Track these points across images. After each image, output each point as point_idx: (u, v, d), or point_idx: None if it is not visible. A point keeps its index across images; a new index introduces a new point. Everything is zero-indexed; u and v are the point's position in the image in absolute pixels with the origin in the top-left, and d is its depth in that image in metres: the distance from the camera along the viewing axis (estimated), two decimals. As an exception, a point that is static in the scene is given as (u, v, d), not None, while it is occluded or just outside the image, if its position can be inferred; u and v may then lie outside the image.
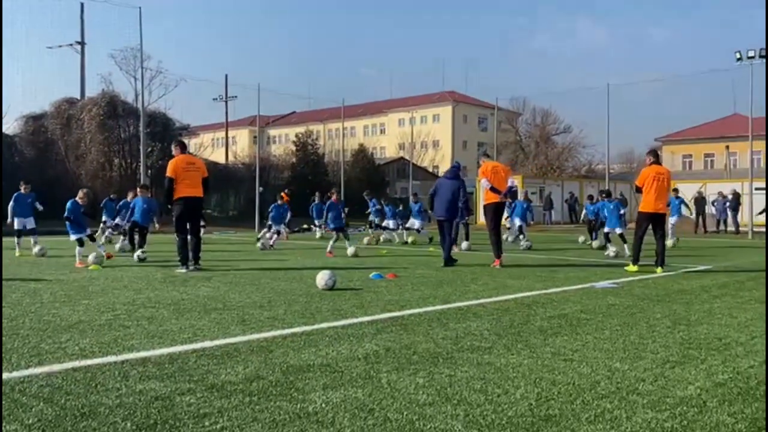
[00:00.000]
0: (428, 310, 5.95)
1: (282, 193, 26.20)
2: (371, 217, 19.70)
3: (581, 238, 16.71)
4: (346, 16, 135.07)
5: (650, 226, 9.91)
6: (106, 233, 17.36)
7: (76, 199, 11.17)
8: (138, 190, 14.03)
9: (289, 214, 17.46)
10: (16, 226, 13.27)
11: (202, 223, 11.69)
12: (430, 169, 66.06)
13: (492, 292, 7.31)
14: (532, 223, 21.18)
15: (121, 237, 14.63)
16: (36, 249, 12.38)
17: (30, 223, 13.40)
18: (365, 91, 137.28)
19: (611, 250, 12.89)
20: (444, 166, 72.71)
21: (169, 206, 9.87)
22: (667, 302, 6.59)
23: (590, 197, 18.14)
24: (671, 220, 16.91)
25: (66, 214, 11.06)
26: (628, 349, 4.40)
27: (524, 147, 63.81)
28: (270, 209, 16.65)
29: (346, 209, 17.10)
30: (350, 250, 12.40)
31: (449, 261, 10.55)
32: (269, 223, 16.26)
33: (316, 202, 20.77)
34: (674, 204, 17.35)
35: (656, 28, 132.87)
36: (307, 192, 31.60)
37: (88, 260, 10.41)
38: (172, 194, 9.65)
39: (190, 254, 9.76)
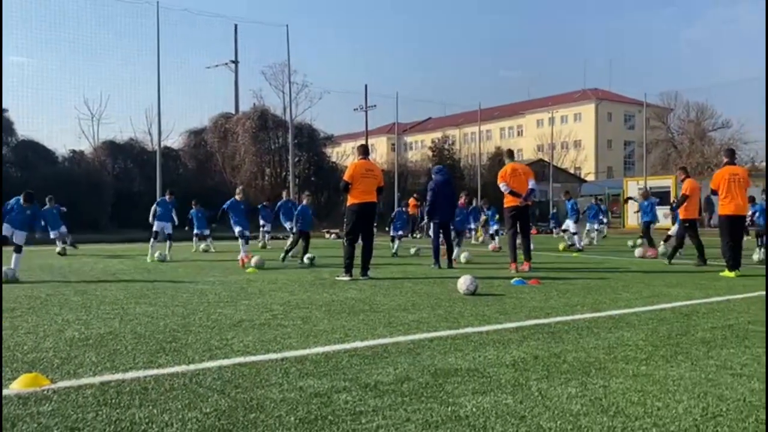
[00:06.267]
0: (576, 318, 5.76)
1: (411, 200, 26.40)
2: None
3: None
4: (477, 19, 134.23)
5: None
6: (266, 238, 18.66)
7: (235, 197, 12.41)
8: (304, 197, 14.28)
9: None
10: (155, 229, 14.21)
11: (337, 231, 12.22)
12: (572, 171, 63.51)
13: (646, 300, 6.92)
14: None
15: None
16: (157, 254, 13.22)
17: (168, 228, 14.51)
18: (501, 94, 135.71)
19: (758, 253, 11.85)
20: (587, 168, 69.82)
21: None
22: None
23: (752, 198, 16.40)
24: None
25: (224, 206, 12.50)
26: (809, 365, 3.97)
27: (677, 145, 59.44)
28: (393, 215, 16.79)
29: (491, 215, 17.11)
30: (463, 256, 12.42)
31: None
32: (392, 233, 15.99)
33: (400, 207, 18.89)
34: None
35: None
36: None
37: (251, 263, 11.28)
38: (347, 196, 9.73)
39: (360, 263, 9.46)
